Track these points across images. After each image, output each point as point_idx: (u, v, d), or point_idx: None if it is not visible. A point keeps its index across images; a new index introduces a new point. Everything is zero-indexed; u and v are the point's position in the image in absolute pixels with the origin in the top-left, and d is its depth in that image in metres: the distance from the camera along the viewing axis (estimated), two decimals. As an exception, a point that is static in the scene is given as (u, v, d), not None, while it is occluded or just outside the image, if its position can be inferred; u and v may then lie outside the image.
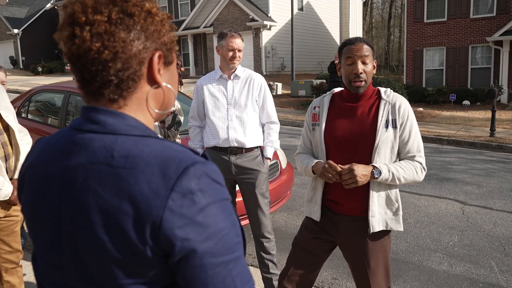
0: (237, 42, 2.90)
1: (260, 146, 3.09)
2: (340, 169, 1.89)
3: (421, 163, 2.00)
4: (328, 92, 2.16)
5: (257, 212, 3.02)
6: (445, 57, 17.34)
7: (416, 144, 2.00)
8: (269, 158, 3.09)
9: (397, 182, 1.94)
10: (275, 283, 3.08)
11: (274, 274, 3.09)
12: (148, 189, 0.68)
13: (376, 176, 1.89)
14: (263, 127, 3.15)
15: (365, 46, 1.96)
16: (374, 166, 1.90)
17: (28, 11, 32.11)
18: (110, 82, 0.75)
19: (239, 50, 2.92)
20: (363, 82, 1.96)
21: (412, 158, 1.99)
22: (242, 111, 2.95)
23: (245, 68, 3.06)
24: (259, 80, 3.03)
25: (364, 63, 1.95)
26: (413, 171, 1.97)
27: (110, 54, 0.72)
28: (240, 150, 2.96)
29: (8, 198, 2.33)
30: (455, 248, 4.08)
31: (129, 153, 0.72)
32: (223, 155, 2.98)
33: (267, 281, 3.10)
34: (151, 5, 0.77)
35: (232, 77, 2.97)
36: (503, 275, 3.55)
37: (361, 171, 1.87)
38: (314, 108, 2.14)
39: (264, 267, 3.10)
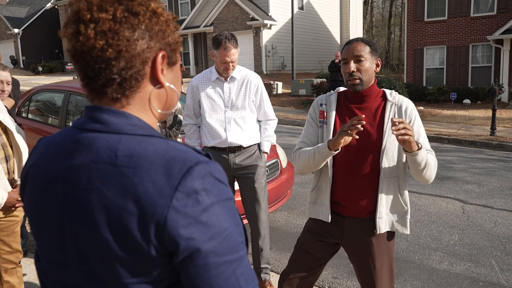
0: (231, 55, 2.82)
1: (257, 143, 3.13)
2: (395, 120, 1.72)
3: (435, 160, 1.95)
4: (332, 91, 2.14)
5: (255, 205, 3.07)
6: (446, 56, 17.33)
7: (427, 142, 1.97)
8: (266, 152, 3.14)
9: (427, 169, 1.88)
10: (264, 276, 3.19)
11: (264, 268, 3.19)
12: (152, 188, 0.69)
13: (419, 146, 1.81)
14: (259, 123, 3.19)
15: (360, 46, 1.95)
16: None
17: (29, 10, 32.10)
18: (113, 81, 0.75)
19: (233, 61, 2.86)
20: (358, 80, 1.95)
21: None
22: (240, 113, 2.97)
23: (241, 67, 3.03)
24: (255, 81, 3.03)
25: (357, 61, 1.94)
26: (435, 163, 1.92)
27: (113, 53, 0.73)
28: (238, 148, 3.02)
29: (1, 206, 2.31)
30: (456, 247, 4.08)
31: (133, 152, 0.72)
32: (221, 153, 3.03)
33: (256, 274, 3.21)
34: (157, 5, 0.78)
35: (228, 79, 2.97)
36: (504, 274, 3.55)
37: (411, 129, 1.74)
38: (321, 105, 2.10)
39: (255, 261, 3.19)
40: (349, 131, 1.77)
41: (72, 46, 0.74)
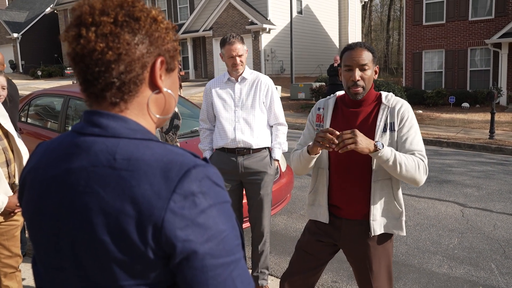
0: (236, 48, 2.90)
1: (268, 147, 3.12)
2: (339, 133, 1.77)
3: (423, 161, 1.89)
4: (332, 95, 2.16)
5: (258, 211, 3.10)
6: (444, 60, 17.37)
7: (416, 142, 1.92)
8: (277, 160, 3.13)
9: (398, 168, 1.82)
10: (261, 282, 3.22)
11: (262, 273, 3.22)
12: (150, 191, 0.69)
13: (379, 148, 1.78)
14: (271, 129, 3.18)
15: (365, 53, 1.93)
16: (376, 140, 1.82)
17: (28, 15, 32.16)
18: (112, 85, 0.76)
19: (240, 55, 2.93)
20: (361, 89, 1.94)
21: (413, 154, 1.91)
22: (249, 112, 2.99)
23: (253, 71, 3.10)
24: (266, 81, 3.06)
25: (362, 69, 1.93)
26: (415, 164, 1.85)
27: (113, 55, 0.74)
28: (247, 150, 3.01)
29: (1, 211, 2.31)
30: (455, 250, 4.08)
31: (131, 155, 0.72)
32: (231, 156, 3.03)
33: (254, 279, 3.22)
34: (157, 13, 0.80)
35: (239, 79, 3.02)
36: (503, 277, 3.55)
37: (363, 136, 1.77)
38: (319, 109, 2.13)
39: (254, 265, 3.22)
40: (320, 142, 1.81)
41: (73, 49, 0.75)
